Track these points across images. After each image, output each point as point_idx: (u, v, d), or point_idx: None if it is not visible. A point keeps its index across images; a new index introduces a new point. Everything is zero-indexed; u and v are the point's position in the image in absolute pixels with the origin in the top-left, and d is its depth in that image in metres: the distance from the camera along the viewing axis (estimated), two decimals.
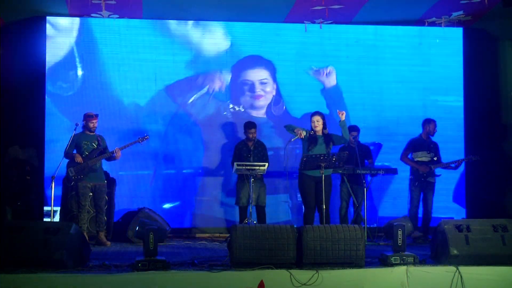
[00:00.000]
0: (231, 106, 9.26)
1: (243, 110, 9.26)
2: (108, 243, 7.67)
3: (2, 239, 5.40)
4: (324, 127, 7.54)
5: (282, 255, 5.48)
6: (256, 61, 9.43)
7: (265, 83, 9.38)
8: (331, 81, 9.44)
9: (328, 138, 7.51)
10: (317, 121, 7.50)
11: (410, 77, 9.66)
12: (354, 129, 8.39)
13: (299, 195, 8.12)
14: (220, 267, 5.55)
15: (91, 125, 7.75)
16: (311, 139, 7.49)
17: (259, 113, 9.32)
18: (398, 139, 9.01)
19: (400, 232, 5.72)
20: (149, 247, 5.40)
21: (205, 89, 9.27)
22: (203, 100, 9.28)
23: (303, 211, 7.61)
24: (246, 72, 9.38)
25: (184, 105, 9.28)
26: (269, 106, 9.39)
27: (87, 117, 7.78)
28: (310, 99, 9.30)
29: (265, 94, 9.33)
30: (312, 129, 7.55)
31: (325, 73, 9.32)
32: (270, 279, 5.33)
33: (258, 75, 9.39)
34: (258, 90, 9.33)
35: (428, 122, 8.49)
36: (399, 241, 5.71)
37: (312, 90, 9.43)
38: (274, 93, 9.40)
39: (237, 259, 5.48)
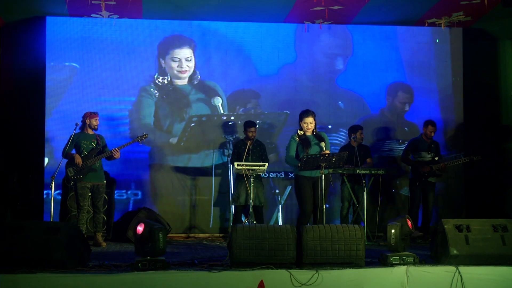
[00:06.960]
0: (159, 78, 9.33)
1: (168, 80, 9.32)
2: (104, 244, 7.60)
3: (2, 239, 5.39)
4: (315, 126, 7.17)
5: (282, 255, 5.47)
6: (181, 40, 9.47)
7: (189, 60, 9.44)
8: None
9: (319, 137, 7.12)
10: (310, 123, 7.07)
11: (410, 77, 9.67)
12: (355, 128, 8.39)
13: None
14: (220, 267, 5.54)
15: (95, 122, 7.69)
16: (304, 141, 7.09)
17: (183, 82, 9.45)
18: (397, 139, 9.01)
19: (393, 231, 5.65)
20: (158, 246, 5.35)
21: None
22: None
23: (298, 214, 7.32)
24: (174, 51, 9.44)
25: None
26: (190, 76, 9.45)
27: (90, 115, 7.72)
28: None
29: (189, 69, 9.46)
30: (301, 130, 7.15)
31: None
32: (270, 279, 5.32)
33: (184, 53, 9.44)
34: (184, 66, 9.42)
35: (426, 125, 8.49)
36: (392, 241, 5.65)
37: None
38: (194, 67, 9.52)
39: (237, 259, 5.47)
